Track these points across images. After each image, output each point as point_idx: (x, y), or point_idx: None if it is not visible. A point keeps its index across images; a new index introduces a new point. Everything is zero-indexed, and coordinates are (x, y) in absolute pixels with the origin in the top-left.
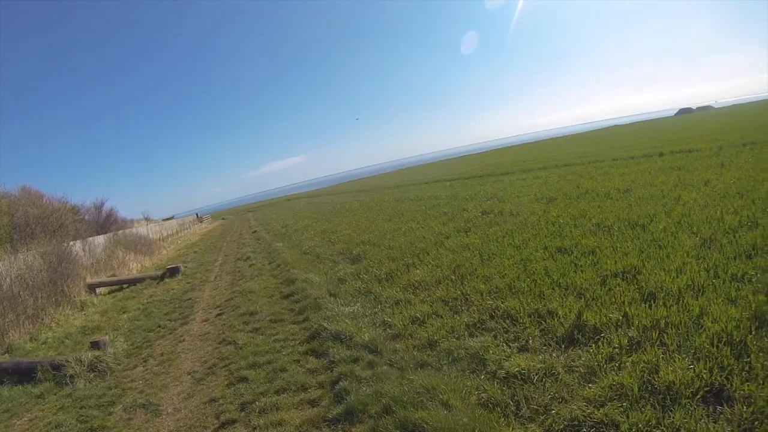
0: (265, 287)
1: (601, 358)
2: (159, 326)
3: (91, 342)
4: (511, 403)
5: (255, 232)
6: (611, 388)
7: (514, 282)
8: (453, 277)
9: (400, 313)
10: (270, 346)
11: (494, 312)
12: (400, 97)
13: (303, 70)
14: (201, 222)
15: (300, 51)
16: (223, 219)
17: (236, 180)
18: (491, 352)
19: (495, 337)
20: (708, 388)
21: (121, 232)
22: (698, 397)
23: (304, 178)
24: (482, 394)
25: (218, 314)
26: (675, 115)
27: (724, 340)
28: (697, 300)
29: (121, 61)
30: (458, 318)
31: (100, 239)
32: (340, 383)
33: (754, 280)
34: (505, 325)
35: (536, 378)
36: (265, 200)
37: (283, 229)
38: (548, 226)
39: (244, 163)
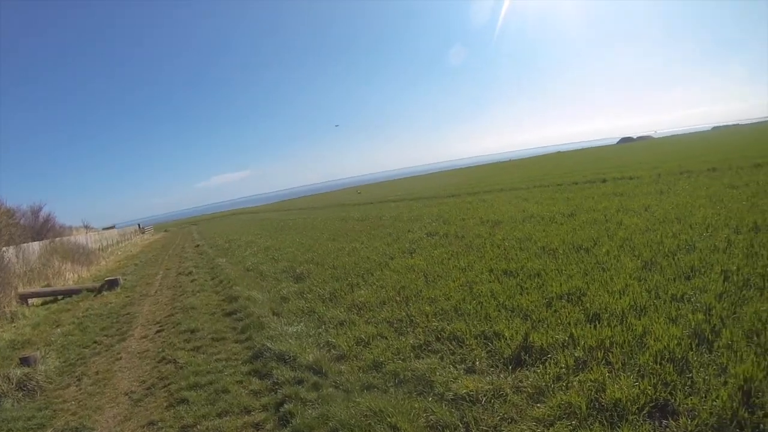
0: (207, 304)
1: (549, 378)
2: (95, 342)
3: (20, 358)
4: (461, 425)
5: (198, 246)
6: (560, 407)
7: (459, 304)
8: (398, 298)
9: (345, 334)
10: (212, 365)
11: (440, 334)
12: (353, 117)
13: (252, 86)
14: (143, 233)
15: (250, 66)
16: (165, 231)
17: (180, 192)
18: (438, 374)
19: (441, 358)
20: (653, 404)
21: (58, 239)
22: (644, 412)
23: (250, 193)
24: (431, 417)
25: (158, 331)
26: (617, 143)
27: (666, 357)
28: (639, 320)
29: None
30: (404, 339)
31: (36, 246)
32: (285, 405)
33: (693, 300)
34: (452, 347)
35: (485, 399)
36: (209, 213)
37: (226, 244)
38: (494, 249)
39: (188, 175)
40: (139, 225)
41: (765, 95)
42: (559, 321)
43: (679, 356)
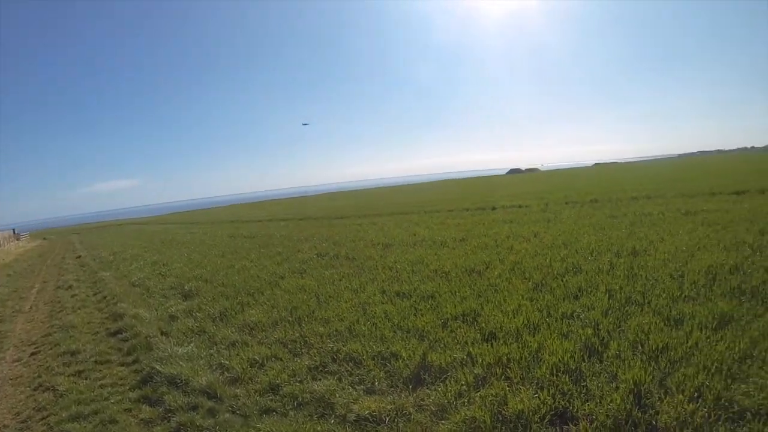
0: (90, 322)
1: (451, 395)
2: None
3: None
4: None
5: (80, 257)
6: (464, 423)
7: (354, 325)
8: (290, 318)
9: (238, 355)
10: (96, 392)
11: (336, 355)
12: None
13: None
14: (18, 240)
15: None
16: (44, 239)
17: (63, 196)
18: (338, 395)
19: (340, 380)
20: (554, 412)
21: None
22: (546, 420)
23: (138, 203)
24: None
25: (33, 353)
26: (506, 173)
27: (562, 369)
28: (534, 336)
29: None
30: (299, 361)
31: None
32: None
33: (582, 316)
34: (349, 368)
35: (388, 419)
36: (93, 222)
37: (111, 257)
38: (386, 271)
39: (71, 179)
40: (14, 230)
41: (637, 141)
42: (456, 340)
43: (574, 367)
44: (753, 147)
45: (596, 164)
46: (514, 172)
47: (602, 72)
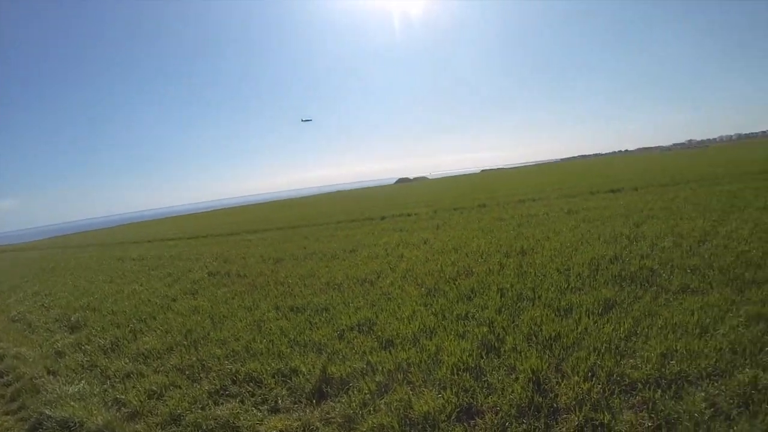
0: None
1: (355, 405)
2: None
3: None
4: None
5: None
6: (373, 430)
7: (250, 344)
8: (185, 342)
9: (134, 387)
10: None
11: (236, 376)
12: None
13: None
14: None
15: None
16: None
17: None
18: (242, 418)
19: (242, 402)
20: (459, 409)
21: None
22: (453, 418)
23: (19, 227)
24: None
25: None
26: (395, 183)
27: (462, 368)
28: (431, 340)
29: None
30: (199, 386)
31: None
32: None
33: (476, 316)
34: (250, 389)
35: None
36: None
37: None
38: (278, 287)
39: None
40: None
41: (521, 147)
42: (355, 351)
43: (473, 365)
44: (627, 150)
45: (483, 171)
46: (403, 181)
47: (488, 81)
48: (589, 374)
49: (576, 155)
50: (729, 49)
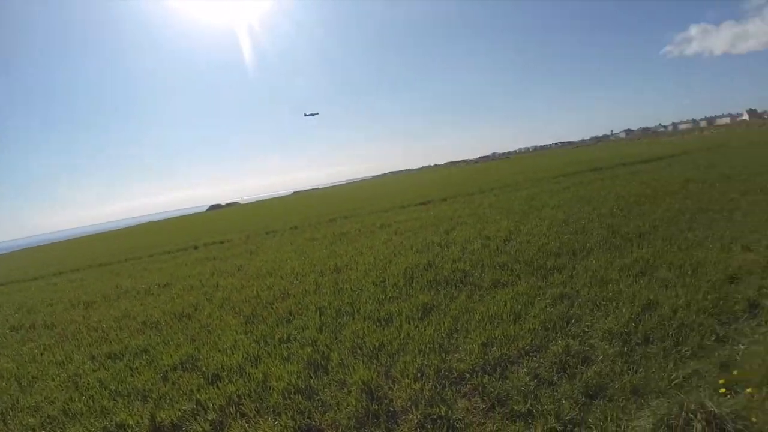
0: None
1: None
2: None
3: None
4: None
5: None
6: None
7: (68, 405)
8: None
9: None
10: None
11: None
12: None
13: None
14: None
15: None
16: None
17: None
18: None
19: None
20: None
21: None
22: None
23: None
24: None
25: None
26: (206, 210)
27: (293, 390)
28: (257, 367)
29: None
30: None
31: None
32: None
33: (299, 338)
34: None
35: None
36: None
37: None
38: (91, 333)
39: None
40: None
41: (332, 166)
42: (181, 391)
43: (304, 386)
44: (436, 165)
45: (295, 192)
46: (215, 208)
47: (302, 99)
48: (419, 375)
49: (387, 172)
50: (522, 77)
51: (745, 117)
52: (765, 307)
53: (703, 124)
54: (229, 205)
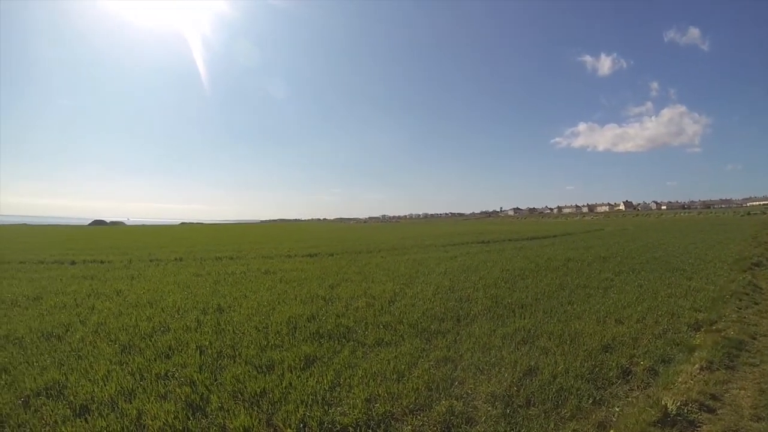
0: None
1: None
2: None
3: None
4: None
5: None
6: None
7: None
8: None
9: None
10: None
11: None
12: None
13: None
14: None
15: None
16: None
17: None
18: None
19: None
20: None
21: None
22: None
23: None
24: None
25: None
26: (89, 224)
27: (169, 431)
28: (131, 403)
29: None
30: None
31: None
32: None
33: (177, 375)
34: None
35: None
36: None
37: None
38: None
39: None
40: None
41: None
42: (44, 421)
43: (180, 428)
44: (325, 219)
45: (183, 223)
46: (99, 223)
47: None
48: (301, 425)
49: (277, 218)
50: (416, 148)
51: (622, 207)
52: (636, 373)
53: (585, 209)
54: (113, 223)
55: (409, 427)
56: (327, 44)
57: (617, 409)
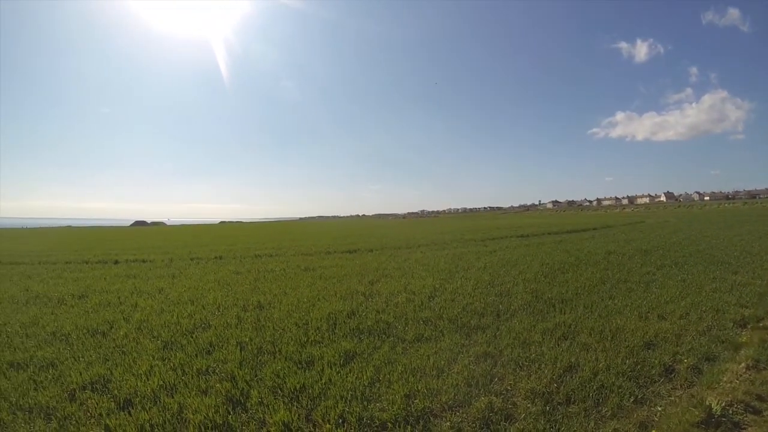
0: None
1: None
2: None
3: None
4: None
5: None
6: None
7: None
8: None
9: None
10: None
11: None
12: None
13: None
14: None
15: None
16: None
17: None
18: None
19: None
20: None
21: None
22: None
23: None
24: None
25: None
26: (130, 225)
27: (209, 425)
28: (173, 397)
29: None
30: None
31: None
32: None
33: (218, 371)
34: None
35: None
36: None
37: None
38: None
39: None
40: None
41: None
42: (89, 414)
43: (221, 422)
44: (364, 215)
45: (222, 222)
46: (140, 224)
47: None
48: (340, 420)
49: (316, 215)
50: (455, 144)
51: (663, 198)
52: (679, 371)
53: (624, 201)
54: (154, 223)
55: (448, 423)
56: (362, 42)
57: (659, 409)
